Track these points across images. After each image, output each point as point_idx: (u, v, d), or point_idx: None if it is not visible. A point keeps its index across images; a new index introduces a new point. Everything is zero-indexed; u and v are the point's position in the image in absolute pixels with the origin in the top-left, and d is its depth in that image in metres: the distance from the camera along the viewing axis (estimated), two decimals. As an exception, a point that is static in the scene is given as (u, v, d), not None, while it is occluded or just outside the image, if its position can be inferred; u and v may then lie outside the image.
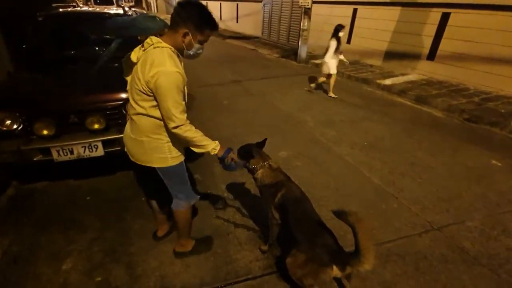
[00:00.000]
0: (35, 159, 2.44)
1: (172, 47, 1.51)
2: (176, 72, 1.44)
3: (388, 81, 6.34)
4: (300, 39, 8.43)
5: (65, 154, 2.46)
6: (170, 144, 1.69)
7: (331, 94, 5.67)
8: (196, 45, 1.56)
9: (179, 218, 1.97)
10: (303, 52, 8.54)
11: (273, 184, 1.91)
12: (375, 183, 2.98)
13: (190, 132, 1.58)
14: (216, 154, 1.73)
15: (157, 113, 1.56)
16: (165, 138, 1.65)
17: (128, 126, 1.73)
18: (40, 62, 3.22)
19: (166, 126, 1.58)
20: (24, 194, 2.81)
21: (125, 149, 1.79)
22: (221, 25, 17.55)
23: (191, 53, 1.59)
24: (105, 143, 2.54)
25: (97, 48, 3.39)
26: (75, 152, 2.48)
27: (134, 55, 1.56)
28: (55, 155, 2.44)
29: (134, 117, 1.62)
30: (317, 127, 4.30)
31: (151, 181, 1.89)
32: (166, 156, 1.69)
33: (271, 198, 1.90)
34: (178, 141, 1.70)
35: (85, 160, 2.62)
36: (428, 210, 2.60)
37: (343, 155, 3.50)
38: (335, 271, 1.60)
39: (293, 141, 3.85)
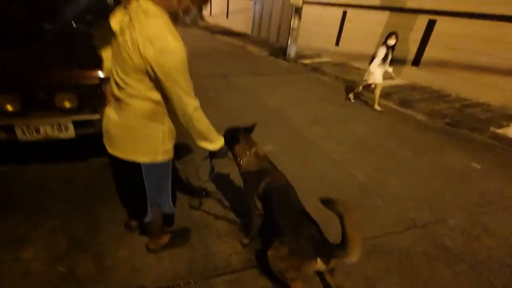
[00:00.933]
0: (-4, 137, 2.21)
1: (165, 12, 1.23)
2: (180, 47, 1.20)
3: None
4: (289, 38, 8.40)
5: (31, 133, 2.25)
6: (166, 134, 1.46)
7: (376, 107, 5.08)
8: (194, 10, 1.31)
9: (149, 225, 1.82)
10: (292, 51, 8.51)
11: (257, 171, 1.81)
12: (360, 180, 2.94)
13: (204, 118, 1.41)
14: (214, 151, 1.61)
15: (155, 95, 1.32)
16: (161, 126, 1.43)
17: (111, 111, 1.43)
18: (5, 32, 2.94)
19: (169, 111, 1.39)
20: (-16, 177, 2.56)
21: (104, 140, 1.54)
22: (211, 20, 17.32)
23: (188, 21, 1.34)
24: (77, 124, 2.33)
25: (67, 17, 3.13)
26: (41, 131, 2.26)
27: (116, 23, 1.26)
28: (19, 133, 2.22)
29: (126, 100, 1.33)
30: (305, 124, 4.24)
31: (129, 180, 1.62)
32: (157, 149, 1.47)
33: (255, 186, 1.80)
34: (173, 133, 1.52)
35: (55, 143, 2.41)
36: (411, 208, 2.58)
37: (329, 152, 3.46)
38: (319, 264, 1.53)
39: (280, 136, 3.77)
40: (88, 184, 2.54)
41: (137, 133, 1.42)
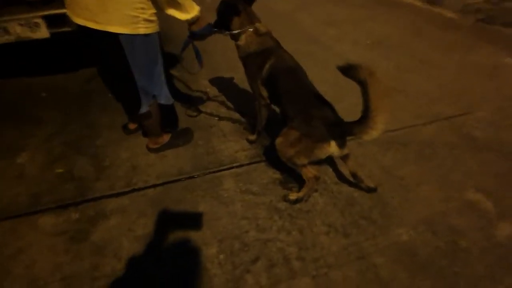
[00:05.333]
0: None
1: None
2: None
3: (397, -19, 5.47)
4: None
5: (0, 35, 1.95)
6: None
7: None
8: None
9: (146, 121, 1.63)
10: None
11: (260, 52, 1.53)
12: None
13: None
14: (191, 27, 1.39)
15: None
16: None
17: None
18: None
19: None
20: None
21: (67, 8, 1.29)
22: None
23: None
24: (49, 21, 2.00)
25: None
26: (11, 31, 1.95)
27: None
28: (-14, 35, 1.93)
29: None
30: (316, 26, 3.75)
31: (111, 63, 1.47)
32: (137, 16, 1.22)
33: (257, 70, 1.54)
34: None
35: (30, 45, 2.13)
36: (436, 103, 2.33)
37: (344, 52, 3.08)
38: (333, 148, 1.36)
39: (289, 39, 3.29)
40: (80, 92, 2.36)
41: None
